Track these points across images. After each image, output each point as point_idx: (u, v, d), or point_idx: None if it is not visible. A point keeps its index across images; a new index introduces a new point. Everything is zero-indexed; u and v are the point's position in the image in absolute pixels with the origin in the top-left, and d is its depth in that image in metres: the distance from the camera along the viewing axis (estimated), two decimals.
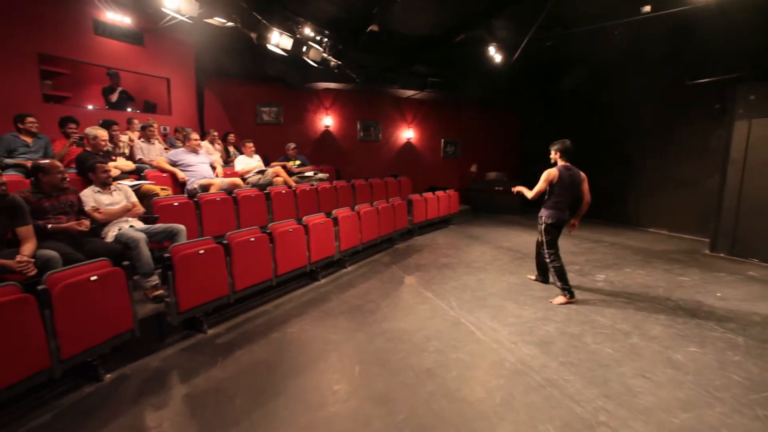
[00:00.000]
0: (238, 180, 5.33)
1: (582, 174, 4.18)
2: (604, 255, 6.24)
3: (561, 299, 4.09)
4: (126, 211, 3.58)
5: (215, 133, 6.71)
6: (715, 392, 2.60)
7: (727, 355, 3.08)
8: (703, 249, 6.73)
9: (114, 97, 6.59)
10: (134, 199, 3.80)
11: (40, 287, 2.35)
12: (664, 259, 6.08)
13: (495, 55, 7.26)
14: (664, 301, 4.23)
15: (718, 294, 4.49)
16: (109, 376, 2.73)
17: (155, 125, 5.60)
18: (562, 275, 4.12)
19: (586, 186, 4.18)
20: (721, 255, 6.36)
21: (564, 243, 6.93)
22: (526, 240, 7.13)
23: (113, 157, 4.56)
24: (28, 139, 4.22)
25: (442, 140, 12.11)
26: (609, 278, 5.02)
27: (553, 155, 4.24)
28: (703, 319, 3.78)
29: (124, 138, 5.29)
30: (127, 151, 5.25)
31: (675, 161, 8.21)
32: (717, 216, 6.50)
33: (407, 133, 11.51)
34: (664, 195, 8.42)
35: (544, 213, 4.22)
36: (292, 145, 7.07)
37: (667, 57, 7.81)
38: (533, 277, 4.82)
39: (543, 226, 4.21)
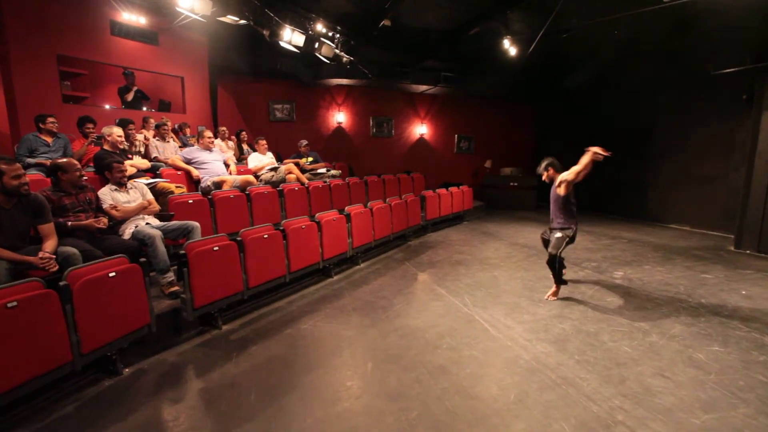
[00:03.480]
0: (250, 177, 5.39)
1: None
2: (623, 252, 6.13)
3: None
4: (142, 209, 3.66)
5: (224, 129, 6.77)
6: (739, 393, 2.54)
7: (752, 355, 3.00)
8: (727, 245, 6.55)
9: (130, 97, 6.73)
10: (150, 196, 3.88)
11: (61, 283, 2.43)
12: (685, 255, 5.94)
13: (510, 48, 7.16)
14: (685, 299, 4.14)
15: (744, 292, 4.37)
16: (127, 370, 2.81)
17: (169, 123, 5.70)
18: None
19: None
20: (747, 252, 6.17)
21: (581, 239, 6.84)
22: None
23: (129, 156, 4.67)
24: (49, 139, 4.35)
25: (456, 135, 12.02)
26: (627, 275, 4.93)
27: (548, 173, 4.13)
28: (726, 317, 3.69)
29: (139, 137, 5.39)
30: (142, 149, 5.36)
31: (698, 154, 7.98)
32: (743, 211, 6.30)
33: (420, 129, 11.47)
34: (686, 189, 8.21)
35: (574, 224, 4.06)
36: (305, 142, 7.12)
37: (689, 47, 7.59)
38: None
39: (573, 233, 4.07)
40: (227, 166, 5.51)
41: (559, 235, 4.01)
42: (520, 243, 6.71)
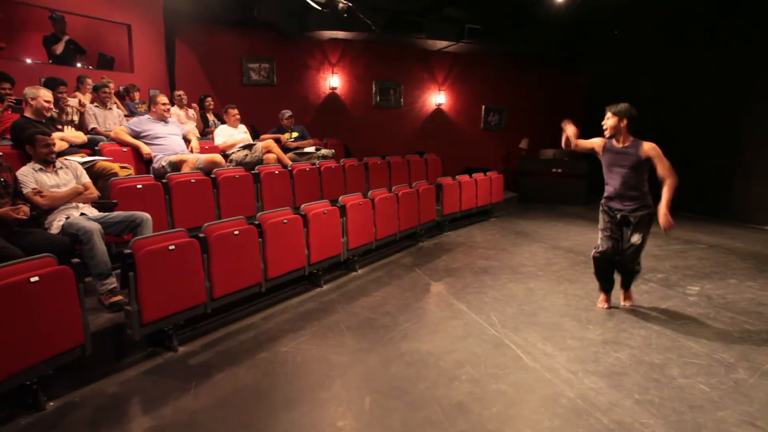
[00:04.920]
0: (218, 157, 5.37)
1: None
2: (700, 260, 6.08)
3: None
4: (76, 195, 3.64)
5: (180, 94, 6.73)
6: None
7: None
8: None
9: (59, 49, 6.69)
10: (86, 179, 3.86)
11: None
12: None
13: None
14: None
15: None
16: (52, 403, 2.78)
17: (112, 85, 5.68)
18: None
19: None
20: None
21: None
22: (592, 238, 6.98)
23: (59, 126, 4.65)
24: None
25: (483, 107, 11.97)
26: (706, 291, 4.88)
27: (620, 123, 3.97)
28: None
29: (72, 101, 5.37)
30: (76, 118, 5.34)
31: None
32: None
33: (437, 98, 11.41)
34: None
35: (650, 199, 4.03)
36: (288, 113, 7.08)
37: None
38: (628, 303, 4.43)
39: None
40: (187, 141, 5.50)
41: (637, 239, 3.95)
42: (563, 247, 6.66)
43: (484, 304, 4.45)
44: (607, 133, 4.06)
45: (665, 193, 3.87)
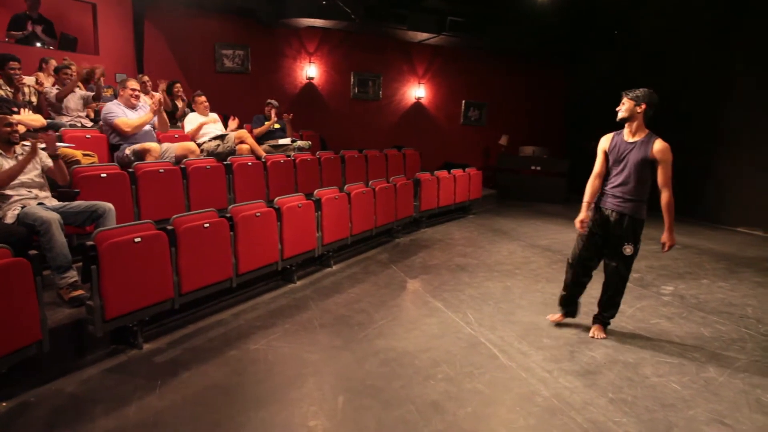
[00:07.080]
0: (192, 145, 5.29)
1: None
2: (674, 261, 6.25)
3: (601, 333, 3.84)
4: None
5: (146, 79, 6.58)
6: None
7: None
8: None
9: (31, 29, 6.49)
10: (51, 164, 3.75)
11: None
12: (756, 268, 6.10)
13: None
14: (754, 325, 4.23)
15: None
16: (4, 404, 2.70)
17: (74, 67, 5.51)
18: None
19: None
20: None
21: None
22: (570, 238, 7.10)
23: (14, 108, 4.47)
24: None
25: (464, 102, 12.03)
26: (679, 291, 5.03)
27: (636, 108, 3.50)
28: None
29: (29, 80, 5.16)
30: (34, 99, 5.15)
31: None
32: None
33: (417, 91, 11.43)
34: (761, 184, 8.35)
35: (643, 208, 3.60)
36: (275, 103, 6.92)
37: None
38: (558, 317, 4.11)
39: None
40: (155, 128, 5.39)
41: (629, 252, 3.56)
42: (541, 245, 6.76)
43: (461, 302, 4.49)
44: (619, 117, 3.54)
45: (667, 215, 3.50)
